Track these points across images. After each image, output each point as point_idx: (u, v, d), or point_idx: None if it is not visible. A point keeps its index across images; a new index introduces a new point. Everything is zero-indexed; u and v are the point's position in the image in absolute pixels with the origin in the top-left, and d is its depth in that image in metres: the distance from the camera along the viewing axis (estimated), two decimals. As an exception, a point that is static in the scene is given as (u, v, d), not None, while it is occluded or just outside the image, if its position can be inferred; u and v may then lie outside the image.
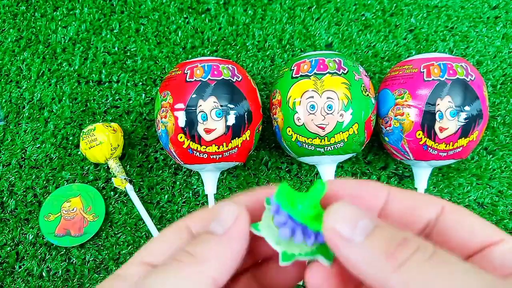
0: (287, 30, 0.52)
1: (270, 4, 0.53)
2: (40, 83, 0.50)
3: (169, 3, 0.53)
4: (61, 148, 0.48)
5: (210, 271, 0.15)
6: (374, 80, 0.50)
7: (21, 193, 0.46)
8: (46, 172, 0.46)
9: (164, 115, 0.39)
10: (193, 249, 0.15)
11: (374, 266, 0.14)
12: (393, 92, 0.40)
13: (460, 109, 0.37)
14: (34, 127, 0.48)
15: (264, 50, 0.51)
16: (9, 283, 0.43)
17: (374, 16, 0.52)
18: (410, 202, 0.17)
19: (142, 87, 0.50)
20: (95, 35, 0.52)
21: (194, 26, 0.52)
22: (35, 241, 0.44)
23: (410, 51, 0.51)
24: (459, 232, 0.16)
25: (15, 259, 0.43)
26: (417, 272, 0.13)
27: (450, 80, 0.37)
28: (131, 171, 0.46)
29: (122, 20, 0.53)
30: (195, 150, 0.39)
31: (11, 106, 0.49)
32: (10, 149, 0.48)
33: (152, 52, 0.51)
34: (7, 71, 0.51)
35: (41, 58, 0.51)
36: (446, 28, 0.52)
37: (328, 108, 0.37)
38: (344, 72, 0.38)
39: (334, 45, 0.51)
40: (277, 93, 0.40)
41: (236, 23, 0.52)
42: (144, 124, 0.48)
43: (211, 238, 0.16)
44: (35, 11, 0.53)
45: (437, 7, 0.53)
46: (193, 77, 0.38)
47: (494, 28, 0.52)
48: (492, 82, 0.49)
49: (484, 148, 0.47)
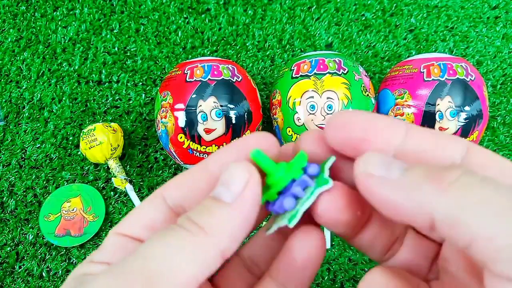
0: (287, 30, 0.52)
1: (270, 4, 0.53)
2: (40, 83, 0.50)
3: (169, 3, 0.53)
4: (61, 148, 0.48)
5: (219, 244, 0.13)
6: (374, 80, 0.50)
7: (21, 193, 0.46)
8: (46, 172, 0.46)
9: (164, 115, 0.39)
10: (200, 219, 0.14)
11: (415, 196, 0.12)
12: (393, 92, 0.40)
13: (460, 109, 0.37)
14: (34, 127, 0.48)
15: (264, 50, 0.51)
16: (9, 283, 0.43)
17: (374, 16, 0.52)
18: (432, 140, 0.14)
19: (142, 87, 0.50)
20: (95, 35, 0.52)
21: (194, 26, 0.52)
22: (35, 241, 0.44)
23: (410, 51, 0.51)
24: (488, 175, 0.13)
25: (15, 259, 0.43)
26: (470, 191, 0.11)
27: (450, 80, 0.37)
28: (131, 171, 0.46)
29: (122, 20, 0.53)
30: (195, 150, 0.39)
31: (11, 106, 0.49)
32: (10, 149, 0.48)
33: (152, 52, 0.51)
34: (7, 71, 0.51)
35: (41, 58, 0.51)
36: (446, 28, 0.52)
37: (328, 108, 0.37)
38: (344, 72, 0.38)
39: (334, 45, 0.51)
40: (277, 93, 0.40)
41: (236, 23, 0.52)
42: (144, 124, 0.48)
43: (219, 207, 0.14)
44: (35, 11, 0.53)
45: (437, 7, 0.53)
46: (193, 77, 0.38)
47: (494, 28, 0.52)
48: (492, 82, 0.49)
49: (484, 148, 0.47)
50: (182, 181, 0.17)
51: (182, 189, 0.16)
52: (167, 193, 0.17)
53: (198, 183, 0.16)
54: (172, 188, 0.17)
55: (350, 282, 0.43)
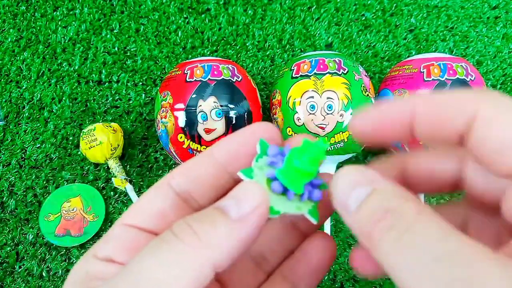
0: (287, 30, 0.52)
1: (270, 4, 0.53)
2: (40, 83, 0.50)
3: (169, 3, 0.53)
4: (61, 148, 0.48)
5: (213, 257, 0.13)
6: (374, 80, 0.50)
7: (21, 193, 0.46)
8: (46, 172, 0.46)
9: (164, 115, 0.39)
10: (199, 227, 0.13)
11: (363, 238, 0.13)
12: (393, 92, 0.40)
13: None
14: (34, 127, 0.48)
15: (264, 50, 0.51)
16: (9, 283, 0.43)
17: (374, 16, 0.52)
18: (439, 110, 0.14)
19: (142, 87, 0.50)
20: (95, 35, 0.52)
21: (194, 26, 0.52)
22: (35, 241, 0.44)
23: (410, 51, 0.51)
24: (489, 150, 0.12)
25: (15, 259, 0.43)
26: (386, 254, 0.12)
27: (450, 80, 0.37)
28: (131, 171, 0.46)
29: (122, 20, 0.53)
30: (195, 150, 0.39)
31: (11, 106, 0.49)
32: (10, 149, 0.48)
33: (152, 52, 0.51)
34: (7, 71, 0.51)
35: (41, 58, 0.51)
36: (446, 28, 0.52)
37: (328, 108, 0.37)
38: (344, 72, 0.38)
39: (334, 45, 0.51)
40: (277, 93, 0.40)
41: (236, 23, 0.52)
42: (144, 124, 0.48)
43: (221, 220, 0.14)
44: (35, 11, 0.53)
45: (437, 7, 0.53)
46: (193, 77, 0.38)
47: (494, 28, 0.52)
48: (492, 82, 0.49)
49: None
50: (188, 168, 0.17)
51: (189, 176, 0.16)
52: (173, 180, 0.16)
53: (203, 170, 0.16)
54: (178, 175, 0.17)
55: (350, 282, 0.43)
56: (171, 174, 0.17)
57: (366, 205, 0.13)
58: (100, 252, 0.15)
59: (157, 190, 0.17)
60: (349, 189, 0.14)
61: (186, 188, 0.16)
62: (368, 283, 0.43)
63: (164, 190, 0.16)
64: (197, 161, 0.17)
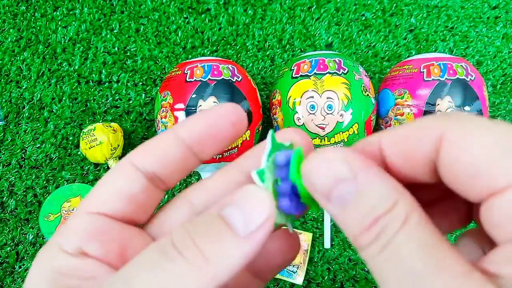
0: (287, 30, 0.52)
1: (270, 4, 0.53)
2: (40, 83, 0.50)
3: (169, 3, 0.53)
4: (61, 148, 0.48)
5: (218, 276, 0.12)
6: (374, 80, 0.50)
7: (21, 193, 0.46)
8: (46, 172, 0.46)
9: (164, 115, 0.39)
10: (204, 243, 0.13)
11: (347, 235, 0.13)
12: (393, 92, 0.40)
13: (460, 109, 0.37)
14: (34, 127, 0.48)
15: (264, 50, 0.51)
16: (9, 283, 0.43)
17: (374, 16, 0.52)
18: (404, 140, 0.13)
19: (142, 87, 0.50)
20: (95, 35, 0.52)
21: (194, 26, 0.52)
22: (35, 241, 0.44)
23: (410, 51, 0.51)
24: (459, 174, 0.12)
25: (15, 259, 0.43)
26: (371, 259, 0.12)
27: (450, 80, 0.37)
28: (131, 171, 0.46)
29: (122, 20, 0.53)
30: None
31: (11, 106, 0.49)
32: (10, 149, 0.48)
33: (152, 52, 0.51)
34: (7, 71, 0.51)
35: (41, 58, 0.51)
36: (446, 28, 0.52)
37: (328, 108, 0.37)
38: (344, 72, 0.38)
39: (334, 45, 0.51)
40: (277, 93, 0.40)
41: (236, 23, 0.52)
42: (144, 124, 0.48)
43: (228, 236, 0.13)
44: (35, 11, 0.53)
45: (437, 7, 0.53)
46: (193, 77, 0.38)
47: (494, 28, 0.52)
48: (492, 82, 0.49)
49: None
50: (151, 147, 0.16)
51: (152, 155, 0.15)
52: (137, 159, 0.15)
53: (168, 149, 0.15)
54: (140, 154, 0.15)
55: (350, 282, 0.43)
56: (133, 154, 0.15)
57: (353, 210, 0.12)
58: (66, 245, 0.14)
59: (120, 171, 0.15)
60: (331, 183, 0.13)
61: (151, 168, 0.15)
62: (368, 283, 0.43)
63: (128, 170, 0.15)
64: (160, 139, 0.16)
